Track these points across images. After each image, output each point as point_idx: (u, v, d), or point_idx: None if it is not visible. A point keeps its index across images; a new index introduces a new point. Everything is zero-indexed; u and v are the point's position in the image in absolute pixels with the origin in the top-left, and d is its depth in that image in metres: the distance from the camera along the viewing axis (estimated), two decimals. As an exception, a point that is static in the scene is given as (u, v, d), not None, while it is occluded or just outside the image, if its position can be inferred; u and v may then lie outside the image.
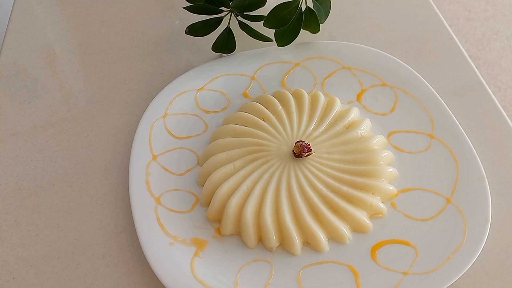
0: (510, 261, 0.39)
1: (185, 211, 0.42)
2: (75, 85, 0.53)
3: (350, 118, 0.45)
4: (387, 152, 0.43)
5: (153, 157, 0.44)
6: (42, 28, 0.59)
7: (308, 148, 0.41)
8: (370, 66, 0.49)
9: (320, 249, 0.39)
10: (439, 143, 0.44)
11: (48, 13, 0.61)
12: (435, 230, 0.39)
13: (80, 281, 0.39)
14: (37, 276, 0.40)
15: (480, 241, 0.38)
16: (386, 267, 0.38)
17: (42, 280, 0.40)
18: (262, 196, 0.40)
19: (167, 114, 0.47)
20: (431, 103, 0.46)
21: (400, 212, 0.41)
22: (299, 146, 0.41)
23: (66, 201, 0.44)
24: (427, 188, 0.42)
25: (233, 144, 0.44)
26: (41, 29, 0.59)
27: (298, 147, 0.41)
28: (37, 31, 0.59)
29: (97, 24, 0.59)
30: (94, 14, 0.60)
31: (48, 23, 0.60)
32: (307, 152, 0.41)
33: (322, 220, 0.40)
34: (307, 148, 0.41)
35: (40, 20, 0.60)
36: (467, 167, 0.42)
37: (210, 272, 0.38)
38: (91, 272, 0.40)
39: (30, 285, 0.40)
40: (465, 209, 0.40)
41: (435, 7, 0.58)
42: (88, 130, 0.49)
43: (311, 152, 0.42)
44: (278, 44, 0.50)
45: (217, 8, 0.50)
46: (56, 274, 0.40)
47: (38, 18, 0.60)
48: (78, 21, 0.59)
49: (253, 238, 0.40)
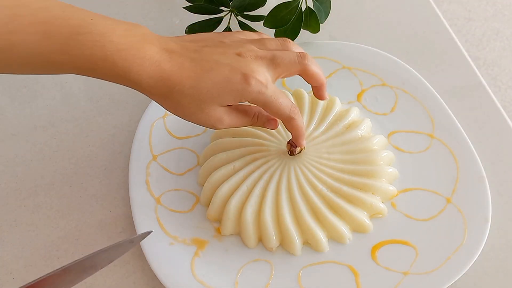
0: (510, 261, 0.39)
1: (185, 211, 0.42)
2: (75, 85, 0.53)
3: (350, 118, 0.45)
4: (387, 152, 0.43)
5: (153, 157, 0.44)
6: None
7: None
8: (370, 66, 0.49)
9: (320, 249, 0.39)
10: (439, 143, 0.44)
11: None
12: (435, 230, 0.39)
13: (80, 282, 0.39)
14: (37, 276, 0.40)
15: (480, 241, 0.38)
16: (386, 267, 0.38)
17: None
18: (262, 196, 0.40)
19: (167, 114, 0.47)
20: (431, 103, 0.46)
21: (400, 212, 0.41)
22: (288, 143, 0.41)
23: (66, 201, 0.44)
24: (427, 188, 0.42)
25: (233, 144, 0.44)
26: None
27: (288, 144, 0.41)
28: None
29: (97, 24, 0.59)
30: (94, 14, 0.60)
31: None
32: (296, 146, 0.41)
33: (322, 220, 0.40)
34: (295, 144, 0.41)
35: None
36: (467, 167, 0.42)
37: (210, 272, 0.39)
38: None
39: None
40: (465, 209, 0.40)
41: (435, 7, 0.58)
42: (88, 130, 0.49)
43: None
44: (278, 44, 0.50)
45: (217, 8, 0.50)
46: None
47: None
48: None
49: (253, 238, 0.40)
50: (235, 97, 0.35)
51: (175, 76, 0.33)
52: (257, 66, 0.35)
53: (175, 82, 0.33)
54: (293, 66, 0.37)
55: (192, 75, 0.34)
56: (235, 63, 0.35)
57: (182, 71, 0.34)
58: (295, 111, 0.37)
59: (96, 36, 0.32)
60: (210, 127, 0.36)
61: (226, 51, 0.35)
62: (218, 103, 0.35)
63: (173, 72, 0.33)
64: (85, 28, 0.32)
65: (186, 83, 0.33)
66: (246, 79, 0.34)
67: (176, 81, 0.33)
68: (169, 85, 0.33)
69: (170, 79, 0.33)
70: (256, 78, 0.34)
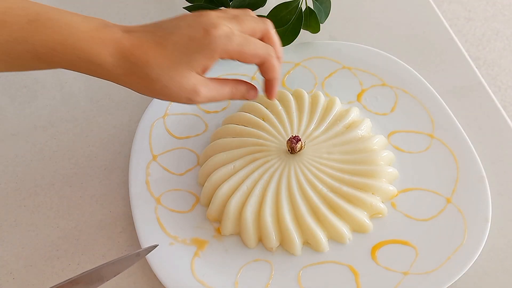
0: (510, 261, 0.39)
1: (185, 211, 0.42)
2: (75, 85, 0.53)
3: (350, 118, 0.45)
4: (387, 152, 0.43)
5: (153, 157, 0.45)
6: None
7: (296, 138, 0.41)
8: (370, 66, 0.49)
9: (320, 249, 0.39)
10: (439, 143, 0.44)
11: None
12: (435, 230, 0.39)
13: None
14: (37, 276, 0.40)
15: (480, 241, 0.38)
16: (386, 267, 0.38)
17: (42, 280, 0.40)
18: (262, 196, 0.40)
19: (167, 114, 0.47)
20: (431, 103, 0.46)
21: (400, 212, 0.41)
22: (289, 140, 0.41)
23: (66, 201, 0.44)
24: (427, 188, 0.42)
25: (233, 144, 0.44)
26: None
27: (288, 142, 0.41)
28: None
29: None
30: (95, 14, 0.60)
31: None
32: (297, 142, 0.41)
33: (322, 220, 0.40)
34: (295, 139, 0.41)
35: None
36: (467, 167, 0.42)
37: (210, 272, 0.39)
38: (91, 272, 0.40)
39: (30, 285, 0.40)
40: (465, 209, 0.40)
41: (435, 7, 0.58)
42: (88, 130, 0.49)
43: (301, 142, 0.41)
44: (279, 44, 0.50)
45: (217, 7, 0.50)
46: (56, 274, 0.40)
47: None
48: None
49: (253, 238, 0.40)
50: (204, 54, 0.33)
51: (138, 50, 0.32)
52: (218, 19, 0.33)
53: (139, 55, 0.32)
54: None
55: (153, 45, 0.33)
56: (195, 22, 0.33)
57: (143, 43, 0.33)
58: (271, 49, 0.35)
59: (54, 22, 0.31)
60: (186, 101, 0.34)
61: (189, 20, 0.34)
62: (188, 67, 0.33)
63: (135, 46, 0.32)
64: (43, 15, 0.31)
65: (149, 53, 0.32)
66: (208, 32, 0.32)
67: (139, 54, 0.32)
68: (132, 60, 0.32)
69: (133, 53, 0.32)
70: (219, 28, 0.33)
